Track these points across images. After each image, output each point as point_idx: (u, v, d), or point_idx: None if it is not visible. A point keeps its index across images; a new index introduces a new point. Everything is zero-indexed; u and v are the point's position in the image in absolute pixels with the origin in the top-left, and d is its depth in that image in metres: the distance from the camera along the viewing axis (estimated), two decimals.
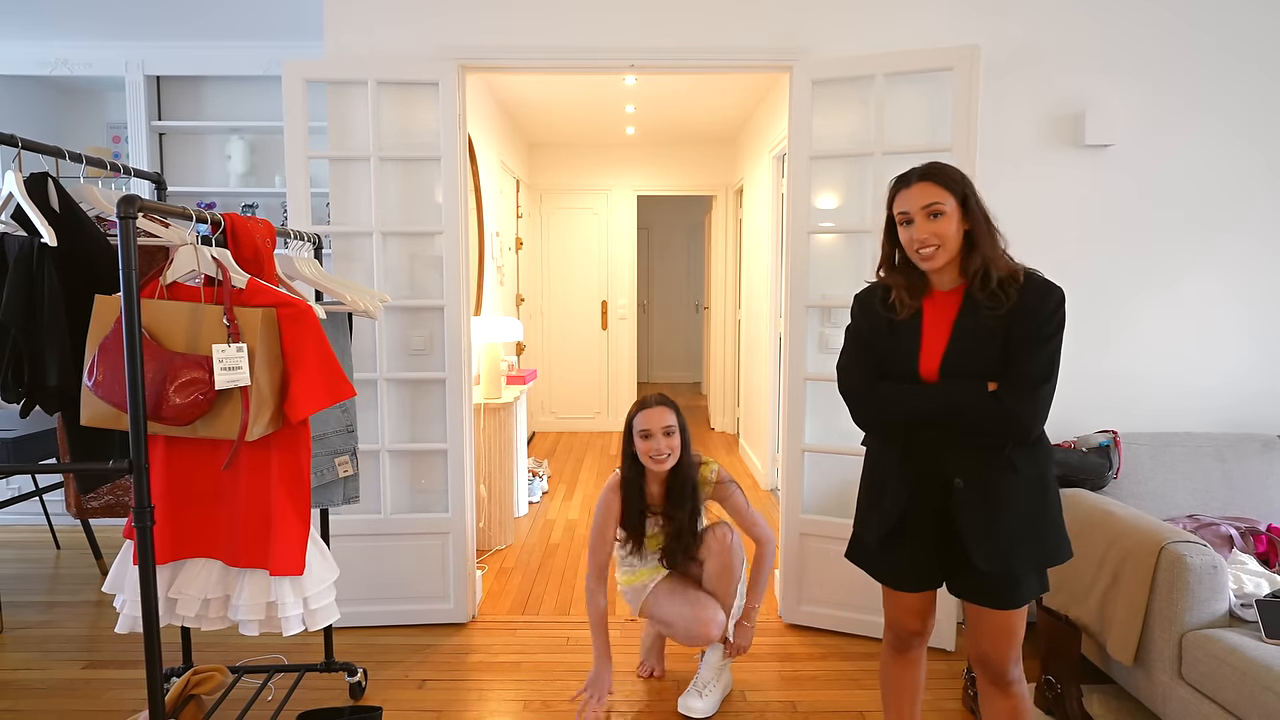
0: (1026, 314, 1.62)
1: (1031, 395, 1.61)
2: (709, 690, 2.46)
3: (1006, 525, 1.66)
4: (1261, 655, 1.89)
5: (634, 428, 2.43)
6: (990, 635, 1.74)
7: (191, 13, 3.76)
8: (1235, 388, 3.05)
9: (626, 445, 2.48)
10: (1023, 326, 1.62)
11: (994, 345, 1.64)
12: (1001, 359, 1.64)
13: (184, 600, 1.88)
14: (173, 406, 1.67)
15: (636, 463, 2.46)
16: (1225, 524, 2.51)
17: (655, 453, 2.39)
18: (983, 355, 1.65)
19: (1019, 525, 1.67)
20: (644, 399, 2.48)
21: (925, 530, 1.75)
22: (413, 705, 2.50)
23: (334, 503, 2.36)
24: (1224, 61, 2.93)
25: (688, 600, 2.47)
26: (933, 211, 1.65)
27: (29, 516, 4.20)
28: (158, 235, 1.90)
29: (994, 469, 1.67)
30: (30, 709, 2.47)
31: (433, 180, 2.96)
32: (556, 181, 6.98)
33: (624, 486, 2.48)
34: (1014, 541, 1.66)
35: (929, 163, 1.73)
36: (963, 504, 1.68)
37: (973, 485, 1.68)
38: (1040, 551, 1.69)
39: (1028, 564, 1.68)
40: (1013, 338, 1.63)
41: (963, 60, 2.64)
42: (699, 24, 2.91)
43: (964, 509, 1.68)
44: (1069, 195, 2.97)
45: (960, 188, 1.67)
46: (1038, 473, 1.69)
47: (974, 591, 1.73)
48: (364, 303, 2.30)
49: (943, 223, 1.65)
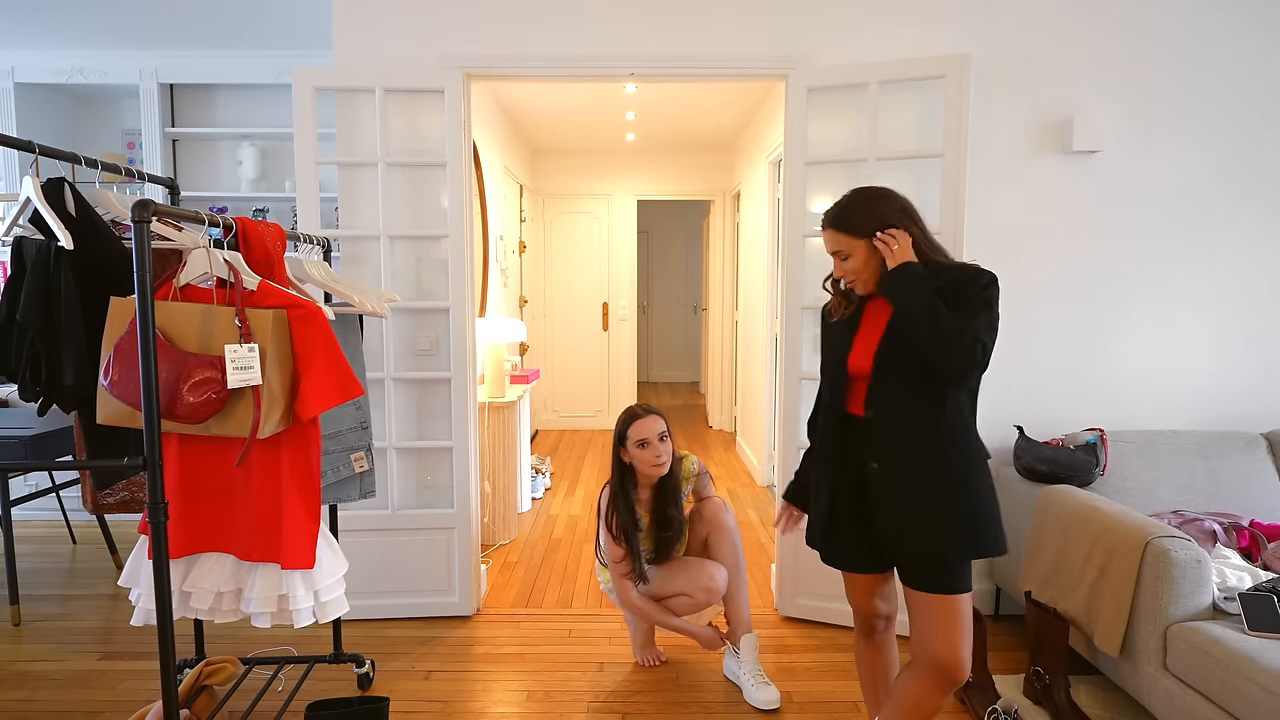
0: (954, 289, 1.71)
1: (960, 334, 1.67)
2: (763, 676, 2.53)
3: (913, 506, 1.75)
4: (1244, 647, 1.91)
5: (628, 439, 2.52)
6: (918, 617, 1.79)
7: (204, 23, 3.82)
8: (1218, 388, 3.09)
9: (617, 457, 2.57)
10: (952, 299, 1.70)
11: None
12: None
13: (197, 593, 1.90)
14: (186, 405, 1.69)
15: (626, 474, 2.55)
16: (1209, 519, 2.54)
17: (655, 459, 2.48)
18: (904, 346, 1.74)
19: (928, 508, 1.74)
20: (631, 410, 2.58)
21: (850, 512, 1.86)
22: (419, 695, 2.54)
23: (351, 497, 2.39)
24: (1205, 71, 2.97)
25: (686, 567, 2.60)
26: (841, 256, 1.82)
27: (46, 512, 4.26)
28: (171, 239, 1.89)
29: (908, 457, 1.76)
30: (47, 699, 2.51)
31: (438, 185, 3.01)
32: (559, 186, 7.05)
33: (614, 499, 2.58)
34: (921, 524, 1.74)
35: (839, 207, 1.84)
36: (875, 484, 1.80)
37: (886, 469, 1.78)
38: (954, 538, 1.73)
39: (936, 547, 1.74)
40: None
41: (954, 69, 2.69)
42: (697, 33, 2.96)
43: (876, 489, 1.80)
44: (1057, 200, 3.01)
45: (869, 228, 1.77)
46: (959, 464, 1.75)
47: (900, 572, 1.84)
48: (372, 304, 2.32)
49: (851, 263, 1.80)
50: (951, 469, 1.75)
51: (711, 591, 2.57)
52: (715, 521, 2.64)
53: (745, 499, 4.91)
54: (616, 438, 2.57)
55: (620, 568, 2.61)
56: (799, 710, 2.46)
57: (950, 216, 2.73)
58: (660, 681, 2.64)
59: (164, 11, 3.68)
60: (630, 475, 2.58)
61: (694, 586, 2.58)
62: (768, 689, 2.48)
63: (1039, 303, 3.05)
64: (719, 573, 2.57)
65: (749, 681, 2.51)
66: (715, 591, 2.57)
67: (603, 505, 2.65)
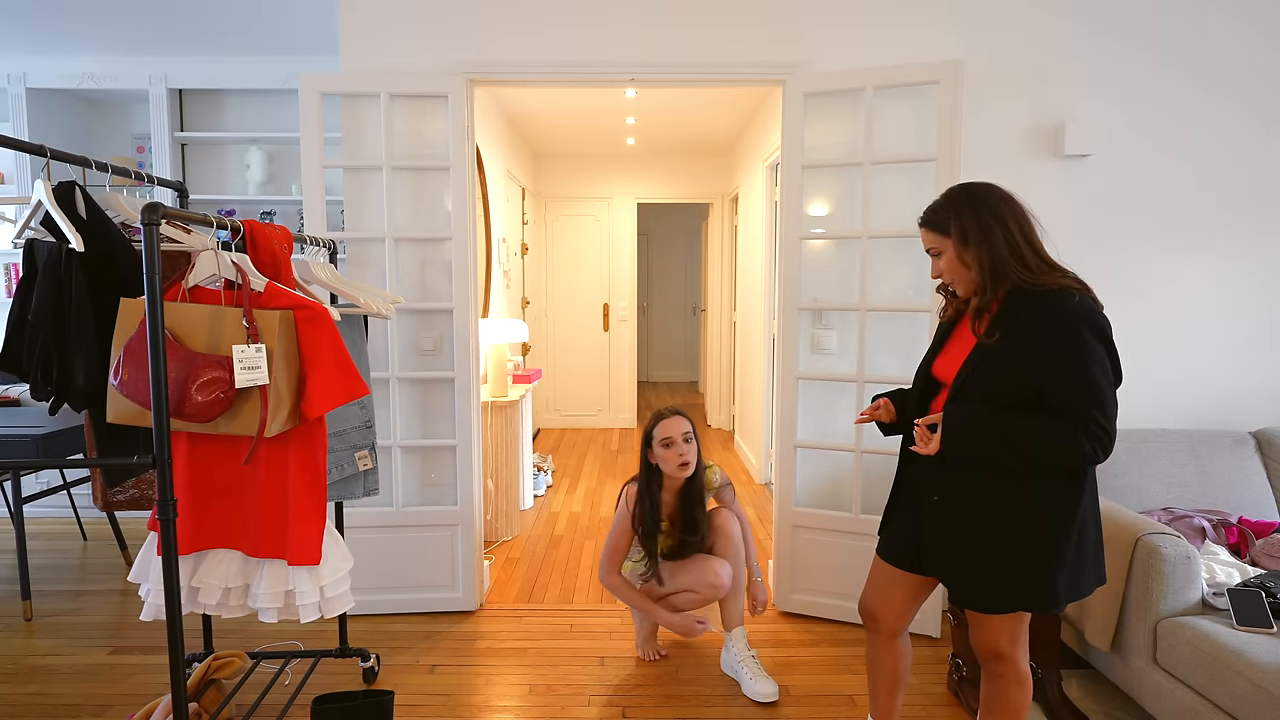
0: (1023, 336, 1.61)
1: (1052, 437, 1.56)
2: (761, 670, 2.58)
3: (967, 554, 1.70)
4: (1232, 641, 1.93)
5: (654, 438, 2.57)
6: (971, 620, 1.79)
7: (212, 29, 3.86)
8: (1208, 387, 3.11)
9: (645, 458, 2.62)
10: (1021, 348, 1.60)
11: (997, 365, 1.64)
12: (1009, 381, 1.62)
13: (205, 589, 1.91)
14: (195, 404, 1.70)
15: (653, 474, 2.59)
16: (1198, 516, 2.56)
17: (679, 459, 2.53)
18: (987, 372, 1.66)
19: (981, 560, 1.68)
20: (659, 412, 2.64)
21: (903, 521, 1.86)
22: (423, 689, 2.57)
23: (355, 495, 2.40)
24: (1196, 76, 3.00)
25: (692, 564, 2.64)
26: (934, 253, 1.75)
27: (58, 509, 4.29)
28: (180, 241, 1.89)
29: (973, 496, 1.69)
30: (59, 692, 2.54)
31: (442, 188, 3.04)
32: (560, 190, 7.10)
33: (640, 500, 2.62)
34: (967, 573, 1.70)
35: (933, 205, 1.76)
36: (929, 517, 1.78)
37: (945, 503, 1.74)
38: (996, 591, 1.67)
39: (976, 600, 1.70)
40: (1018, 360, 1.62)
41: (948, 75, 2.72)
42: (697, 40, 2.99)
43: (929, 521, 1.78)
44: (1049, 203, 3.03)
45: (953, 225, 1.68)
46: (1038, 513, 1.63)
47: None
48: (377, 305, 2.34)
49: (943, 262, 1.73)
50: (1025, 522, 1.63)
51: (717, 588, 2.61)
52: (723, 531, 2.68)
53: (744, 496, 4.94)
54: (644, 439, 2.63)
55: (619, 556, 2.67)
56: (796, 703, 2.49)
57: None
58: (660, 675, 2.68)
59: (173, 18, 3.72)
60: (657, 477, 2.62)
61: (700, 583, 2.61)
62: (766, 682, 2.52)
63: None
64: (724, 569, 2.61)
65: (747, 675, 2.55)
66: (720, 588, 2.61)
67: (621, 504, 2.70)
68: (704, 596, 2.63)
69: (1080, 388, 1.55)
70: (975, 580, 1.71)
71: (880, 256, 2.94)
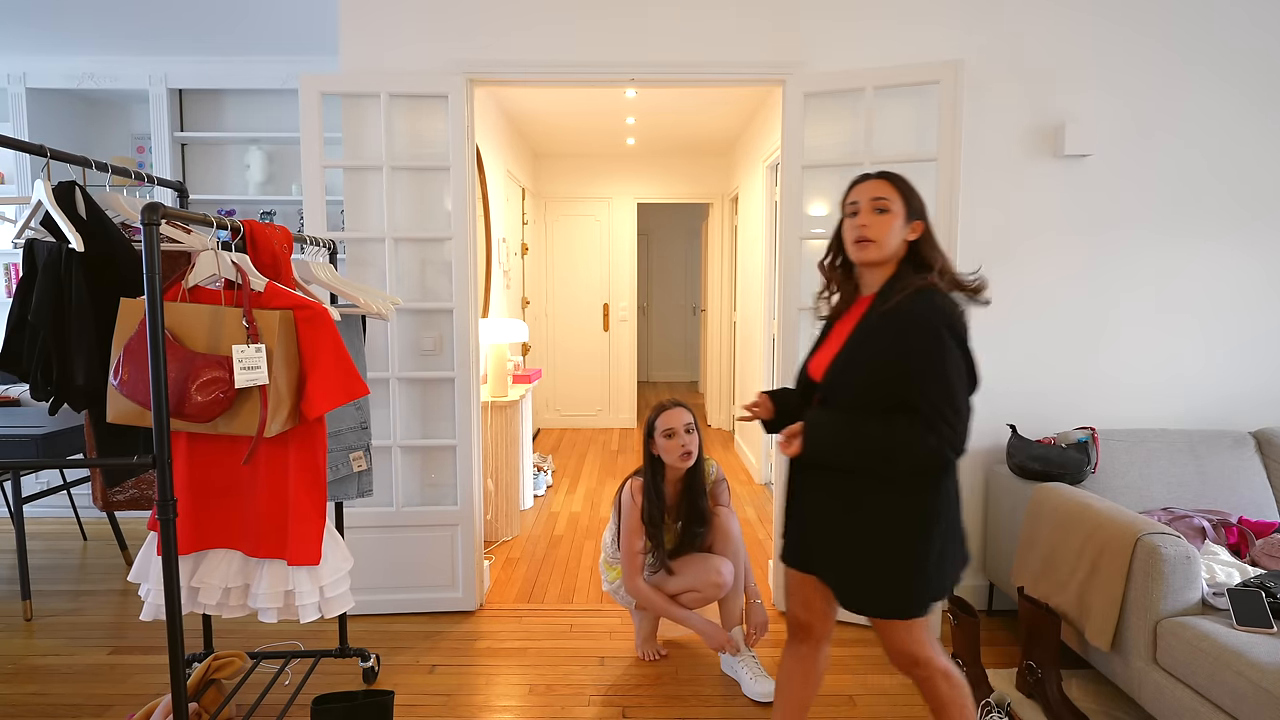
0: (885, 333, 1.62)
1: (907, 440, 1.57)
2: (761, 670, 2.58)
3: (836, 551, 1.71)
4: (1232, 641, 1.93)
5: (656, 429, 2.58)
6: (877, 630, 1.77)
7: (212, 29, 3.86)
8: (1208, 387, 3.11)
9: (647, 450, 2.62)
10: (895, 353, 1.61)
11: (860, 364, 1.65)
12: (869, 379, 1.63)
13: (205, 589, 1.92)
14: (195, 404, 1.71)
15: (656, 466, 2.59)
16: (1198, 516, 2.57)
17: (681, 449, 2.53)
18: (851, 372, 1.66)
19: (848, 560, 1.69)
20: (660, 404, 2.64)
21: (798, 515, 1.83)
22: (424, 689, 2.57)
23: (349, 496, 2.41)
24: (1194, 76, 3.00)
25: (694, 563, 2.65)
26: (879, 206, 1.68)
27: (58, 509, 4.29)
28: (180, 241, 1.90)
29: (841, 495, 1.70)
30: (59, 692, 2.54)
31: (442, 188, 3.04)
32: (560, 190, 7.10)
33: (644, 491, 2.62)
34: (842, 575, 1.72)
35: (894, 172, 1.76)
36: (810, 512, 1.78)
37: (819, 500, 1.75)
38: (869, 593, 1.68)
39: (852, 601, 1.71)
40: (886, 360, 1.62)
41: (948, 74, 2.72)
42: (697, 40, 2.99)
43: (811, 517, 1.78)
44: (1050, 203, 3.04)
45: (913, 200, 1.70)
46: (901, 512, 1.64)
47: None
48: (377, 305, 2.35)
49: (884, 219, 1.67)
50: (888, 518, 1.65)
51: (719, 586, 2.61)
52: (722, 529, 2.68)
53: (744, 496, 4.94)
54: (646, 431, 2.63)
55: (638, 558, 2.66)
56: None
57: (945, 219, 2.76)
58: (660, 675, 2.68)
59: (173, 18, 3.73)
60: (660, 468, 2.63)
61: (703, 581, 2.62)
62: (766, 682, 2.52)
63: (1032, 304, 3.08)
64: (725, 567, 2.61)
65: (747, 675, 2.55)
66: (722, 586, 2.61)
67: (624, 500, 2.69)
68: (706, 595, 2.63)
69: (933, 388, 1.56)
70: (849, 582, 1.72)
71: None
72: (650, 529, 2.64)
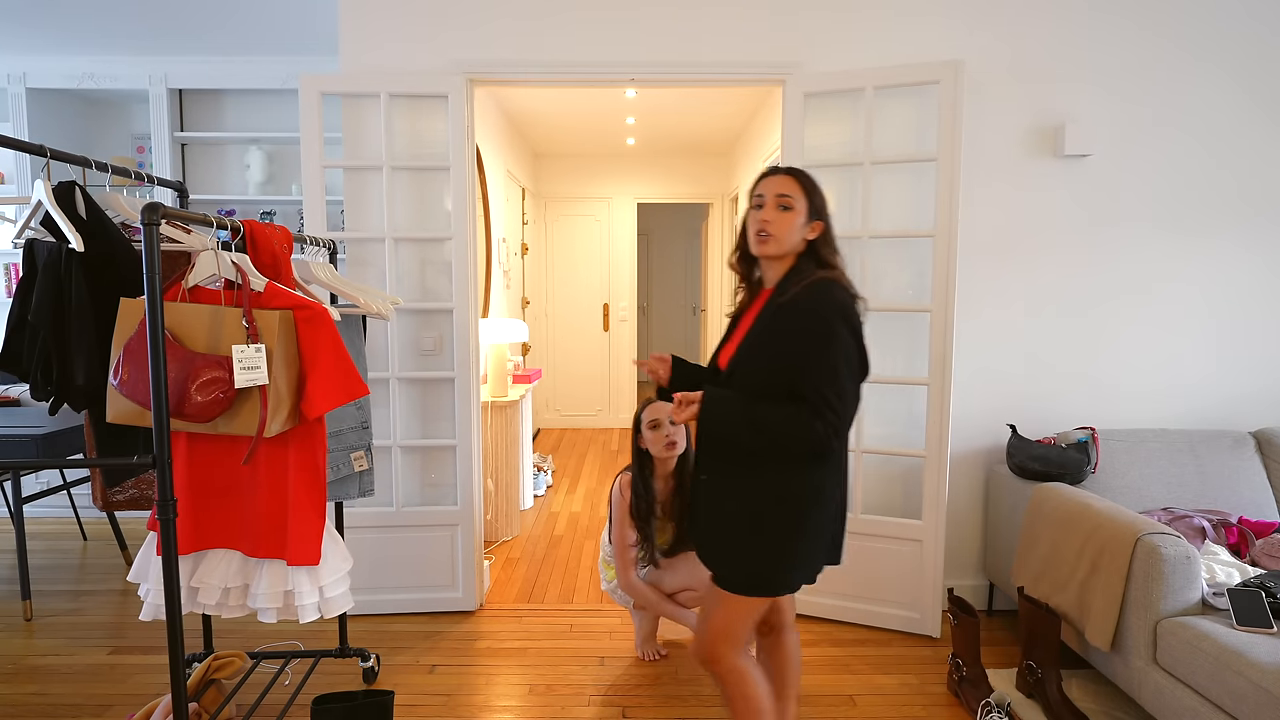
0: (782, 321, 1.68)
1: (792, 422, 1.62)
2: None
3: (712, 530, 1.79)
4: (1232, 641, 1.93)
5: (642, 421, 2.58)
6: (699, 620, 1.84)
7: (212, 29, 3.86)
8: (1208, 387, 3.11)
9: (635, 444, 2.61)
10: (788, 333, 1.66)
11: (758, 354, 1.71)
12: (765, 367, 1.68)
13: (205, 589, 1.93)
14: (194, 404, 1.71)
15: (645, 461, 2.59)
16: (1198, 516, 2.57)
17: (666, 439, 2.52)
18: (750, 361, 1.71)
19: (722, 535, 1.76)
20: (648, 397, 2.63)
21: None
22: (424, 689, 2.57)
23: (350, 496, 2.41)
24: (1195, 74, 3.00)
25: (689, 562, 2.64)
26: (783, 203, 1.72)
27: (58, 509, 4.28)
28: (180, 241, 1.90)
29: (724, 475, 1.76)
30: (59, 692, 2.54)
31: (442, 188, 3.04)
32: (560, 190, 7.10)
33: (633, 486, 2.62)
34: (713, 548, 1.79)
35: (799, 168, 1.80)
36: (695, 494, 1.85)
37: (709, 484, 1.80)
38: (729, 562, 1.76)
39: (716, 565, 1.78)
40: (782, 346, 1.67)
41: (948, 75, 2.72)
42: (697, 40, 2.99)
43: (696, 498, 1.85)
44: (1050, 203, 3.04)
45: (815, 198, 1.74)
46: (772, 494, 1.70)
47: None
48: (376, 305, 2.35)
49: (787, 216, 1.72)
50: (759, 500, 1.71)
51: None
52: None
53: None
54: (634, 425, 2.63)
55: (631, 552, 2.65)
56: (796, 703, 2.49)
57: (945, 219, 2.76)
58: (660, 675, 2.68)
59: (173, 18, 3.73)
60: (649, 463, 2.63)
61: (699, 580, 2.60)
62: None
63: (1032, 303, 3.08)
64: None
65: None
66: None
67: (614, 494, 2.69)
68: (702, 595, 2.62)
69: (821, 375, 1.61)
70: (718, 555, 1.77)
71: (880, 256, 2.94)
72: (639, 524, 2.63)
